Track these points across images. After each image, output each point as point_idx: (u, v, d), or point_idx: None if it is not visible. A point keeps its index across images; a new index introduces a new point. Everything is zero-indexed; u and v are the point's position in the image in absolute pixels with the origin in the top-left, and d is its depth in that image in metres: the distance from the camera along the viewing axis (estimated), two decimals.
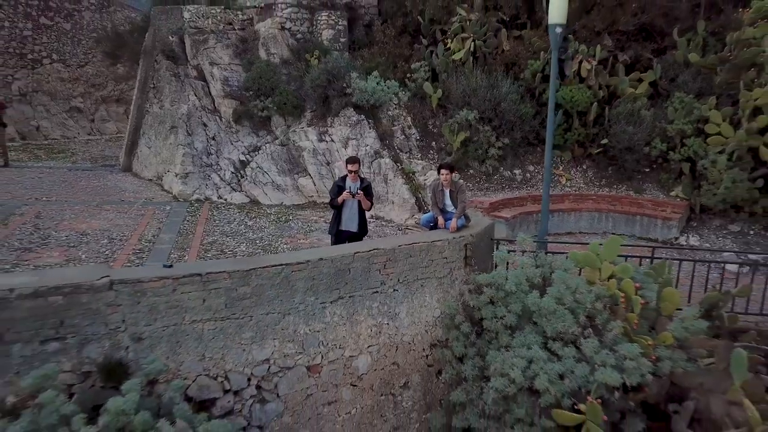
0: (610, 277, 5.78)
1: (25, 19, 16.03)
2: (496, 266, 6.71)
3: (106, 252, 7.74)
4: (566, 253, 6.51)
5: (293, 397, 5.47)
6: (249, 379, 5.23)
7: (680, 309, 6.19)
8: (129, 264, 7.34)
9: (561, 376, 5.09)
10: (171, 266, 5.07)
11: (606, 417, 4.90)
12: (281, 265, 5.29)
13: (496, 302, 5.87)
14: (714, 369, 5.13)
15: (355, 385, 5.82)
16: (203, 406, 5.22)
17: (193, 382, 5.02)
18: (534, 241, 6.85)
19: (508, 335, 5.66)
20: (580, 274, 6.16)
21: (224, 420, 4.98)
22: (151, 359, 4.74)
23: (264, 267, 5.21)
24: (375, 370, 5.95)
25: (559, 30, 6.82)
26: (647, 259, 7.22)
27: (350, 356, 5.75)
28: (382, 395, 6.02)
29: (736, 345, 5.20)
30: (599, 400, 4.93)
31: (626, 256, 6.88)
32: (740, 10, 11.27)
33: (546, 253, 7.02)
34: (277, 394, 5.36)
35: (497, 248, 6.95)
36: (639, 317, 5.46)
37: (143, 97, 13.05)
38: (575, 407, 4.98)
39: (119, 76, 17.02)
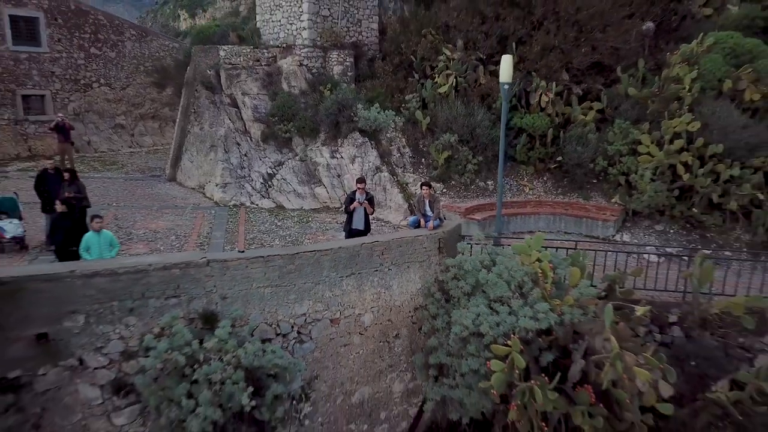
0: (536, 260, 8.32)
1: (78, 50, 18.60)
2: (462, 253, 9.26)
3: (177, 245, 10.29)
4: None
5: (321, 340, 8.02)
6: (292, 327, 7.79)
7: (595, 285, 8.75)
8: None
9: (497, 324, 7.62)
10: (243, 252, 7.64)
11: (524, 349, 7.44)
12: (314, 251, 7.85)
13: (459, 278, 8.41)
14: (597, 320, 7.66)
15: (362, 334, 8.37)
16: (263, 343, 7.80)
17: (257, 327, 7.58)
18: (488, 236, 9.41)
19: (466, 299, 8.19)
20: (517, 259, 8.71)
21: None
22: (233, 309, 7.30)
23: (303, 252, 7.78)
24: (375, 324, 8.50)
25: (507, 87, 9.36)
26: (588, 251, 9.78)
27: (359, 314, 8.30)
28: (380, 342, 8.57)
29: (609, 303, 7.73)
30: (521, 340, 7.47)
31: (556, 248, 9.46)
32: (669, 54, 13.80)
33: (500, 245, 9.59)
34: (311, 337, 7.91)
35: (463, 240, 9.52)
36: (552, 286, 7.99)
37: (185, 120, 15.61)
38: (506, 343, 7.51)
39: (164, 101, 19.57)
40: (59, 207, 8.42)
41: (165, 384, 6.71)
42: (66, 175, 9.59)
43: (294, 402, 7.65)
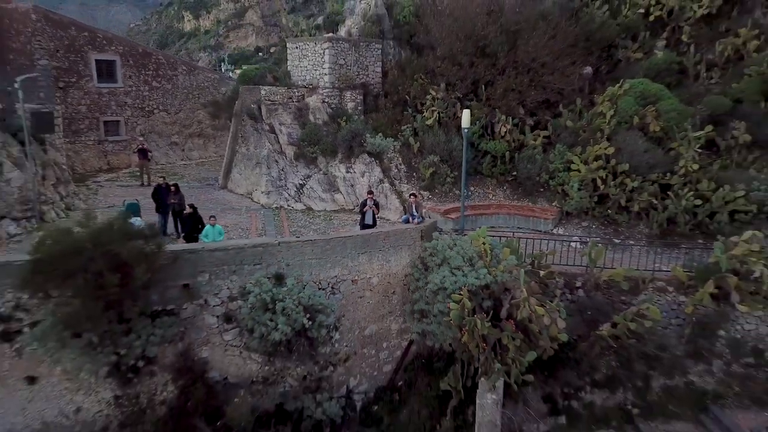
0: (482, 243, 12.76)
1: (144, 84, 23.13)
2: (438, 240, 13.71)
3: (243, 235, 14.77)
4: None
5: (345, 293, 12.50)
6: (328, 284, 12.27)
7: (524, 260, 13.21)
8: None
9: (455, 282, 12.07)
10: (299, 237, 12.14)
11: (471, 297, 11.89)
12: (342, 237, 12.35)
13: (433, 255, 12.89)
14: (516, 279, 12.12)
15: (371, 290, 12.85)
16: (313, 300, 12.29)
17: (307, 283, 12.06)
18: (454, 230, 13.91)
19: (437, 268, 12.65)
20: (472, 243, 13.16)
21: None
22: (294, 272, 11.80)
23: (334, 238, 12.28)
24: (380, 284, 12.98)
25: (466, 130, 13.84)
26: (529, 240, 14.24)
27: (369, 277, 12.79)
28: (383, 296, 13.05)
29: (522, 269, 12.17)
30: (469, 291, 11.92)
31: (500, 237, 13.92)
32: (597, 95, 18.24)
33: (464, 234, 14.06)
34: (339, 291, 12.40)
35: (438, 231, 14.00)
36: (491, 260, 12.45)
37: (234, 142, 20.12)
38: (460, 293, 11.96)
39: (211, 124, 24.05)
40: (187, 210, 12.97)
41: (256, 314, 11.21)
42: (172, 188, 14.13)
43: (329, 330, 12.14)
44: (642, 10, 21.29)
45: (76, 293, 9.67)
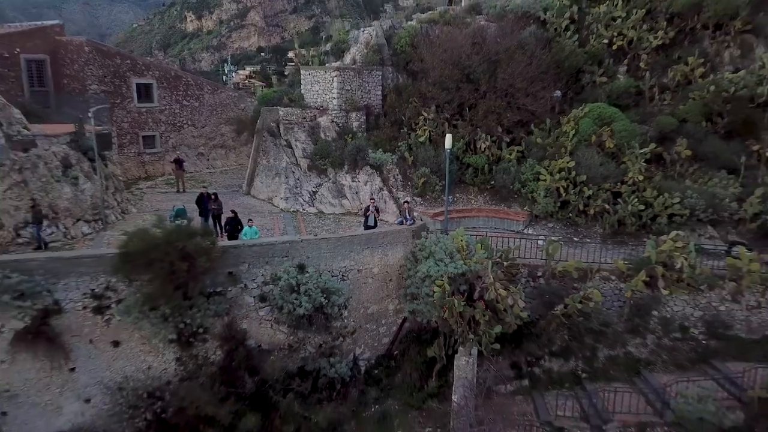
0: (460, 240, 16.03)
1: (175, 103, 26.44)
2: (426, 238, 16.99)
3: (269, 234, 18.04)
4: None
5: (353, 279, 15.79)
6: (340, 272, 15.57)
7: (494, 254, 16.50)
8: None
9: (438, 270, 15.33)
10: (317, 235, 15.45)
11: (451, 282, 15.16)
12: (349, 236, 15.65)
13: (421, 249, 16.17)
14: (486, 269, 15.38)
15: (373, 278, 16.15)
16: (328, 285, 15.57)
17: (323, 271, 15.34)
18: (441, 230, 17.20)
19: (425, 260, 15.92)
20: (452, 240, 16.43)
21: None
22: (314, 263, 15.09)
23: (344, 236, 15.58)
24: (380, 273, 16.28)
25: (448, 150, 17.09)
26: (502, 238, 17.51)
27: (371, 267, 16.08)
28: (382, 282, 16.34)
29: (490, 260, 15.42)
30: (449, 278, 15.19)
31: (475, 235, 17.18)
32: (562, 116, 21.50)
33: (446, 234, 17.33)
34: (348, 278, 15.69)
35: (426, 231, 17.30)
36: (467, 253, 15.72)
37: (257, 155, 23.40)
38: (442, 279, 15.22)
39: (240, 142, 27.29)
40: (230, 214, 16.28)
41: (284, 294, 14.50)
42: (212, 196, 17.43)
43: (340, 308, 15.42)
44: (606, 41, 24.51)
45: (154, 277, 12.98)
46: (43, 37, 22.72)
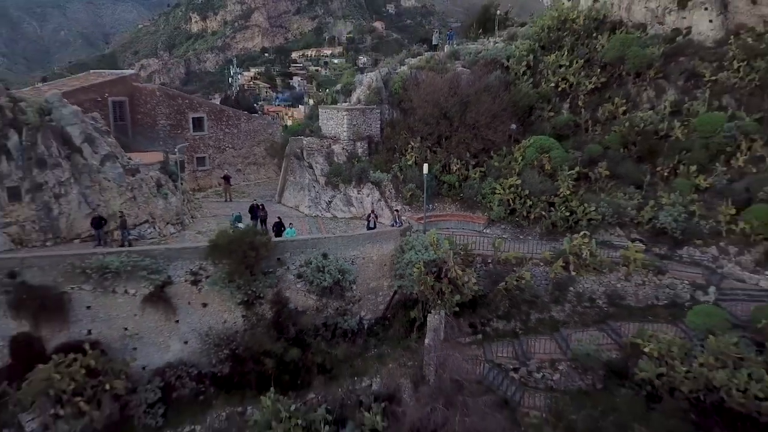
0: (433, 238, 23.09)
1: (220, 131, 33.54)
2: (410, 236, 24.06)
3: (300, 233, 25.14)
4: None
5: (359, 264, 22.84)
6: (350, 259, 22.59)
7: (456, 246, 23.60)
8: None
9: (417, 257, 22.39)
10: (334, 234, 22.62)
11: (426, 266, 22.25)
12: (357, 234, 22.79)
13: (407, 244, 23.26)
14: (449, 254, 22.44)
15: (372, 263, 23.20)
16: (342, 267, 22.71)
17: (338, 258, 22.46)
18: (423, 230, 24.36)
19: (408, 251, 22.98)
20: (428, 238, 23.49)
21: None
22: (333, 252, 22.21)
23: (353, 235, 22.74)
24: (378, 259, 23.34)
25: (426, 174, 24.10)
26: (467, 235, 24.59)
27: (372, 256, 23.13)
28: (379, 266, 23.41)
29: (452, 251, 22.48)
30: (424, 263, 22.27)
31: (444, 234, 24.27)
32: (515, 144, 28.52)
33: (425, 233, 24.43)
34: (356, 263, 22.76)
35: (410, 231, 24.43)
36: (437, 246, 22.78)
37: (286, 173, 30.47)
38: (419, 264, 22.29)
39: (273, 161, 34.30)
40: (276, 219, 23.39)
41: (314, 273, 21.59)
42: (261, 206, 24.58)
43: (350, 283, 22.50)
44: (553, 84, 31.49)
45: (232, 261, 20.10)
46: (124, 84, 29.84)
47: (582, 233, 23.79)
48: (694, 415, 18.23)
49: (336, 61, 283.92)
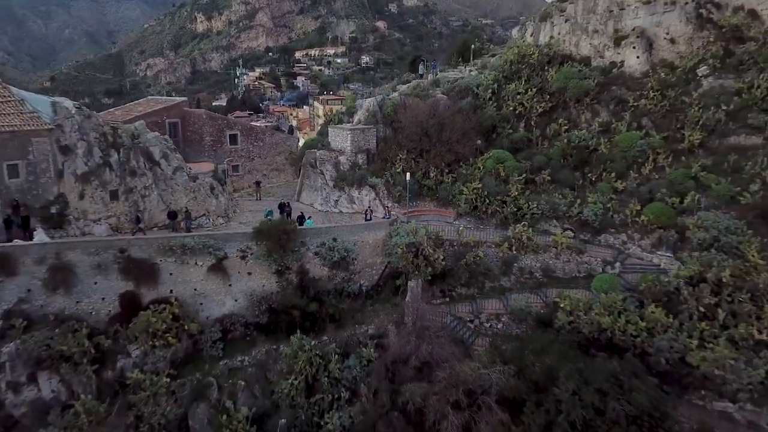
0: (413, 227, 31.61)
1: (249, 144, 42.10)
2: (397, 225, 32.60)
3: (317, 224, 33.70)
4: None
5: (359, 246, 31.28)
6: (353, 242, 31.11)
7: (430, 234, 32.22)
8: None
9: (401, 241, 30.93)
10: (339, 224, 31.29)
11: (408, 247, 30.83)
12: (357, 224, 31.38)
13: (394, 231, 31.83)
14: (424, 239, 30.98)
15: (369, 245, 31.64)
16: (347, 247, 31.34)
17: (345, 241, 31.05)
18: (407, 221, 33.01)
19: (396, 236, 31.49)
20: (409, 227, 32.04)
21: None
22: (341, 237, 30.79)
23: (355, 225, 31.35)
24: (373, 242, 31.74)
25: (408, 178, 32.58)
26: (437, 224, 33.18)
27: (368, 240, 31.43)
28: (374, 247, 31.76)
29: (426, 236, 31.03)
30: (405, 245, 30.83)
31: (422, 224, 32.86)
32: (479, 157, 37.01)
33: (407, 223, 33.02)
34: (357, 245, 31.31)
35: (397, 222, 33.05)
36: (416, 233, 31.31)
37: (302, 178, 38.93)
38: (403, 246, 30.85)
39: (292, 170, 42.87)
40: (299, 213, 31.92)
41: (327, 251, 30.12)
42: (287, 203, 33.15)
43: (353, 259, 31.07)
44: (512, 107, 39.93)
45: (271, 242, 28.74)
46: (177, 109, 38.38)
47: (523, 224, 32.31)
48: (594, 349, 26.57)
49: (339, 60, 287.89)
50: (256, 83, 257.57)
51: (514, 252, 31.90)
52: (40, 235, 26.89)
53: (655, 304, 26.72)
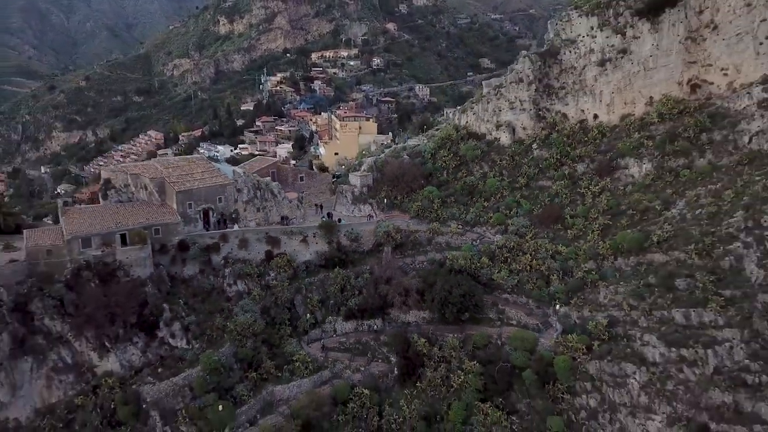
0: (389, 225, 71.36)
1: (309, 181, 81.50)
2: (380, 223, 72.39)
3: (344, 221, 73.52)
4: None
5: (364, 232, 71.16)
6: (361, 230, 71.24)
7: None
8: None
9: (382, 229, 70.84)
10: (356, 222, 71.60)
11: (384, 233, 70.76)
12: (363, 222, 71.05)
13: (379, 225, 71.82)
14: (390, 228, 70.82)
15: (368, 232, 71.60)
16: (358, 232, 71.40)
17: (357, 230, 71.10)
18: (385, 221, 73.38)
19: (380, 227, 71.50)
20: (386, 224, 71.81)
21: None
22: (357, 228, 70.92)
23: (362, 222, 71.08)
24: (369, 230, 71.26)
25: (386, 201, 72.11)
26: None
27: (368, 229, 71.02)
28: (371, 232, 71.67)
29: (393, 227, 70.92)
30: (384, 232, 70.79)
31: (393, 222, 72.93)
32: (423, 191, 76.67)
33: (385, 221, 72.99)
34: (362, 232, 71.40)
35: (382, 221, 73.14)
36: (388, 225, 71.14)
37: (336, 199, 78.13)
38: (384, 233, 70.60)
39: (331, 194, 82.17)
40: (337, 217, 71.74)
41: (348, 234, 70.14)
42: (330, 214, 73.20)
43: (361, 237, 70.92)
44: (441, 163, 78.98)
45: (325, 231, 68.50)
46: (273, 164, 77.78)
47: (439, 221, 72.17)
48: (458, 273, 66.27)
49: (351, 63, 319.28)
50: (278, 87, 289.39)
51: (432, 235, 72.00)
52: (233, 227, 67.51)
53: (486, 257, 66.59)
